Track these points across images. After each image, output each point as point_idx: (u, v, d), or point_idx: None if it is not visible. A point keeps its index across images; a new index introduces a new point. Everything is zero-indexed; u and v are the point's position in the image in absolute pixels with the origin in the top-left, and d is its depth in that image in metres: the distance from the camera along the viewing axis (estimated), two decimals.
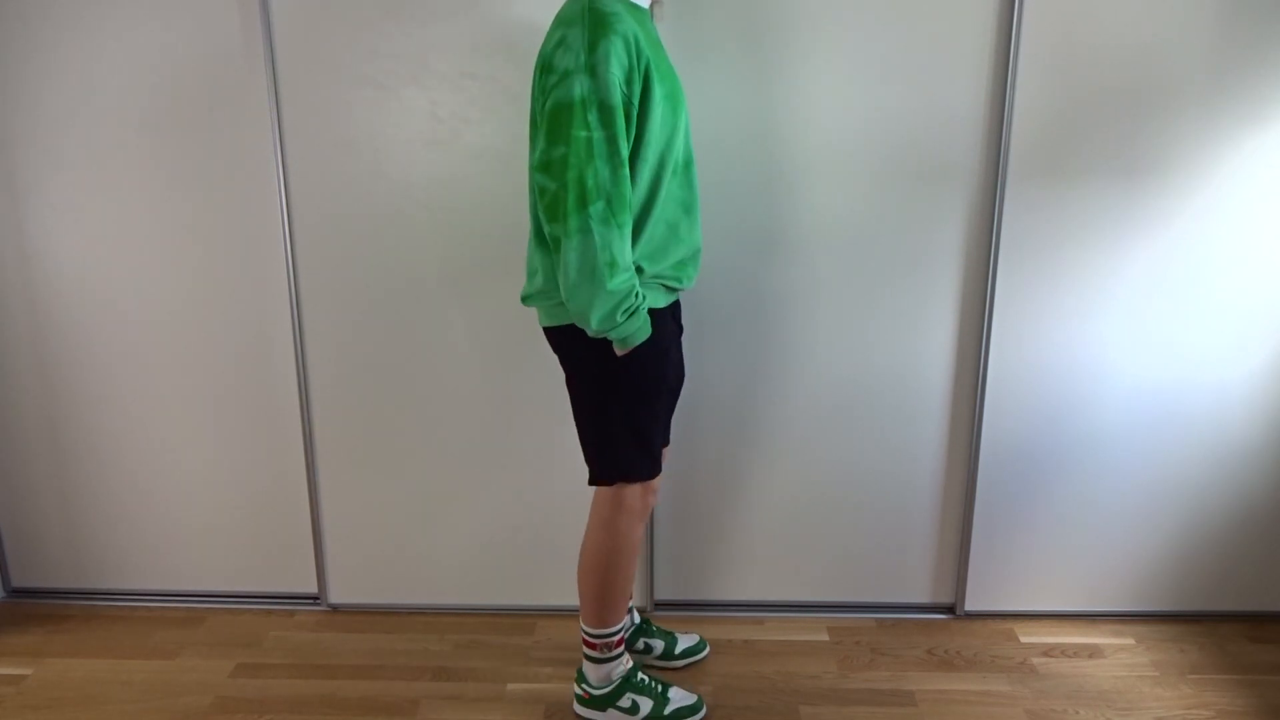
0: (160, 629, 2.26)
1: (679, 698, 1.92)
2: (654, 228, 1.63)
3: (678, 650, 2.10)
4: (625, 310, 1.54)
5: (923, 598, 2.30)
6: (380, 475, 2.24)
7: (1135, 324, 2.08)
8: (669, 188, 1.64)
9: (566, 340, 1.69)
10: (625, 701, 1.90)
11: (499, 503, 2.25)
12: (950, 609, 2.30)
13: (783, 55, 1.91)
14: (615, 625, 1.86)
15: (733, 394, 2.15)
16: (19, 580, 2.40)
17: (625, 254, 1.52)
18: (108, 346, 2.20)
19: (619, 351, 1.62)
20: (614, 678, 1.90)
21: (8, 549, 2.37)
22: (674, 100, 1.59)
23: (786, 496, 2.23)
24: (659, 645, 2.10)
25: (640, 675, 1.93)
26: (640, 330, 1.59)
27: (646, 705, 1.90)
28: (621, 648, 1.90)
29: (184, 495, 2.29)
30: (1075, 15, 1.91)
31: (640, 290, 1.57)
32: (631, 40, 1.47)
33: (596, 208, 1.48)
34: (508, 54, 1.96)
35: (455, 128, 2.01)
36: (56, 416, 2.26)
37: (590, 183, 1.47)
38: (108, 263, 2.14)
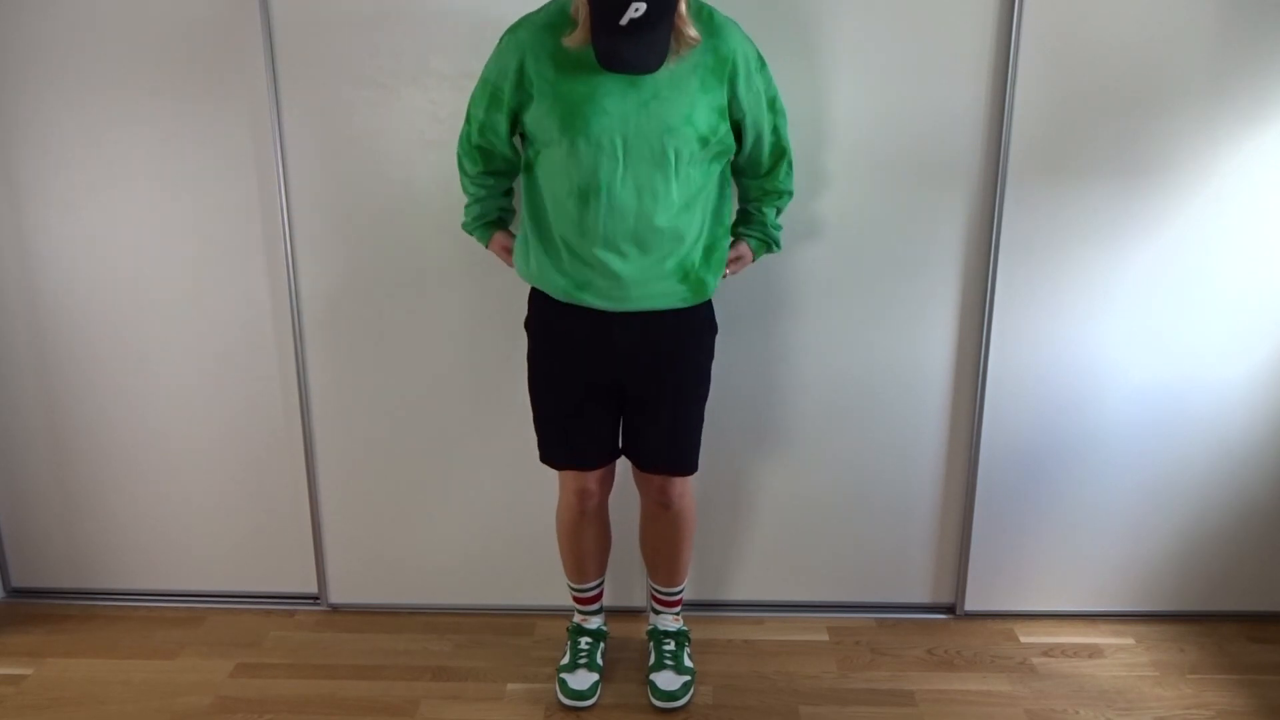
0: (160, 629, 2.26)
1: (580, 679, 1.98)
2: (532, 201, 1.76)
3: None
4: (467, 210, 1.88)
5: (923, 598, 2.30)
6: (380, 475, 2.24)
7: (1135, 324, 2.08)
8: (558, 200, 1.68)
9: None
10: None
11: (499, 503, 2.25)
12: (950, 609, 2.30)
13: (782, 56, 1.90)
14: (573, 583, 2.06)
15: (732, 394, 2.15)
16: (19, 580, 2.39)
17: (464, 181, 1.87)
18: (107, 346, 2.20)
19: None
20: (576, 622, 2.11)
21: (8, 549, 2.37)
22: (565, 120, 1.62)
23: (786, 496, 2.23)
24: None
25: (581, 638, 2.07)
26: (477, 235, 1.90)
27: (565, 658, 2.05)
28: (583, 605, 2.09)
29: (184, 495, 2.29)
30: (1075, 15, 1.91)
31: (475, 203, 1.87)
32: (509, 45, 1.68)
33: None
34: None
35: (455, 128, 2.00)
36: (56, 416, 2.26)
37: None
38: (107, 263, 2.14)
